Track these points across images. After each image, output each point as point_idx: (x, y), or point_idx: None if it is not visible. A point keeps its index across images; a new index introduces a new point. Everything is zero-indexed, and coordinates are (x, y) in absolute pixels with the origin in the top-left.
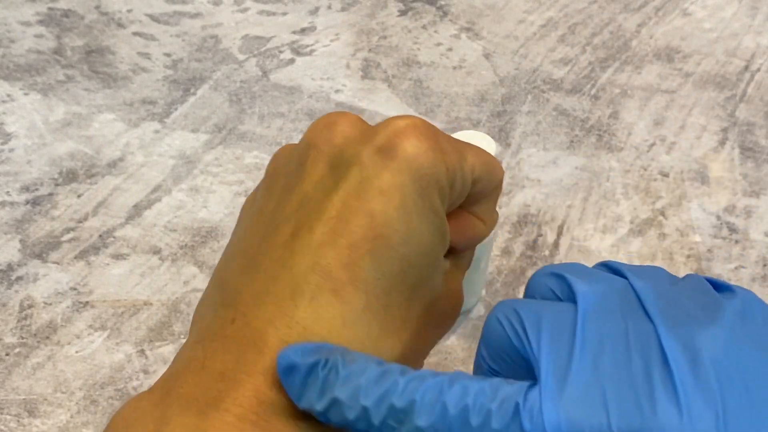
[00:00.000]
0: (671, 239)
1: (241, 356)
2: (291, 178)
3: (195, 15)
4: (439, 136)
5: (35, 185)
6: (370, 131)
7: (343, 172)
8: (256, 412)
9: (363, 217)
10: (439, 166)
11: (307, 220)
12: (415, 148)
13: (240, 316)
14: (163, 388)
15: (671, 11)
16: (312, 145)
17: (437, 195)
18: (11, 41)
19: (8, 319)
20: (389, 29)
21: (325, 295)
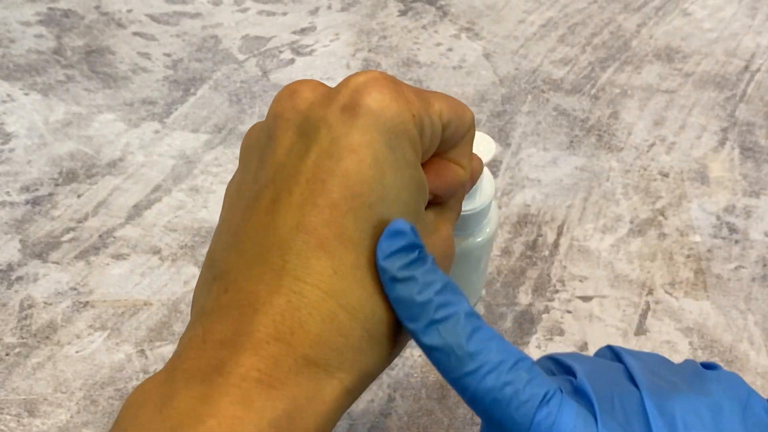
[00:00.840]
0: (671, 239)
1: (237, 321)
2: (264, 150)
3: (195, 15)
4: (402, 86)
5: (35, 185)
6: (332, 92)
7: (312, 136)
8: (258, 368)
9: (338, 177)
10: (405, 115)
11: (285, 185)
12: (378, 102)
13: (232, 284)
14: (167, 368)
15: (671, 11)
16: (278, 115)
17: (408, 145)
18: (11, 41)
19: (8, 319)
20: (389, 29)
21: (313, 249)
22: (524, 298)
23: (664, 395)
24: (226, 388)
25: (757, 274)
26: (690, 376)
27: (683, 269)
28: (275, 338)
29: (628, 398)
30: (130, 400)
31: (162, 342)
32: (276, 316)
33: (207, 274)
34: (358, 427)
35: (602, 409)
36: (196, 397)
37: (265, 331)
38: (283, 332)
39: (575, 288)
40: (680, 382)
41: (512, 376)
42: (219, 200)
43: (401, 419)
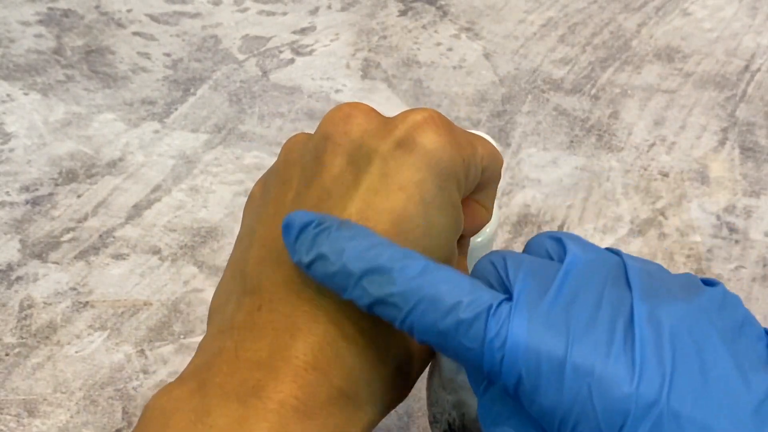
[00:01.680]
0: (671, 239)
1: (274, 343)
2: (308, 170)
3: (195, 15)
4: (454, 129)
5: (35, 185)
6: (388, 125)
7: (362, 167)
8: (296, 396)
9: (384, 214)
10: (456, 159)
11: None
12: (433, 143)
13: (266, 303)
14: (197, 377)
15: (671, 11)
16: (328, 137)
17: (455, 187)
18: (11, 41)
19: (8, 319)
20: (389, 29)
21: None
22: None
23: (657, 304)
24: (264, 413)
25: (757, 274)
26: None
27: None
28: (313, 367)
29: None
30: (157, 406)
31: (162, 342)
32: (314, 345)
33: (233, 284)
34: None
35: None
36: (233, 418)
37: (303, 358)
38: (320, 361)
39: None
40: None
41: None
42: (219, 200)
43: (401, 419)
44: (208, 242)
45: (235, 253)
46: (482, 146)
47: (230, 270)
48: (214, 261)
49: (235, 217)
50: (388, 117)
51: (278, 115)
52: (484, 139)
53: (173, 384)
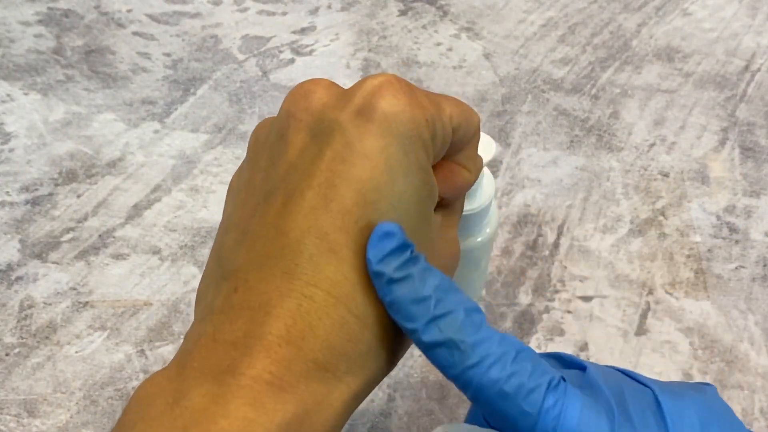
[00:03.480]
0: (671, 239)
1: (249, 322)
2: (274, 149)
3: (195, 15)
4: (414, 90)
5: (35, 185)
6: (346, 95)
7: (325, 139)
8: (270, 371)
9: (351, 182)
10: (419, 119)
11: (296, 187)
12: (393, 106)
13: (242, 283)
14: (177, 364)
15: (671, 11)
16: (290, 114)
17: (422, 150)
18: (11, 41)
19: (8, 319)
20: (389, 29)
21: (324, 254)
22: (524, 298)
23: (677, 395)
24: (238, 389)
25: (757, 274)
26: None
27: (683, 269)
28: (287, 342)
29: (641, 396)
30: (139, 393)
31: (162, 342)
32: (287, 320)
33: (214, 271)
34: (358, 427)
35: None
36: (208, 397)
37: (276, 333)
38: (294, 336)
39: (575, 288)
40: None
41: (517, 367)
42: (219, 200)
43: (401, 419)
44: (208, 242)
45: (216, 240)
46: (451, 105)
47: (210, 259)
48: None
49: None
50: (348, 88)
51: None
52: (454, 99)
53: (156, 372)
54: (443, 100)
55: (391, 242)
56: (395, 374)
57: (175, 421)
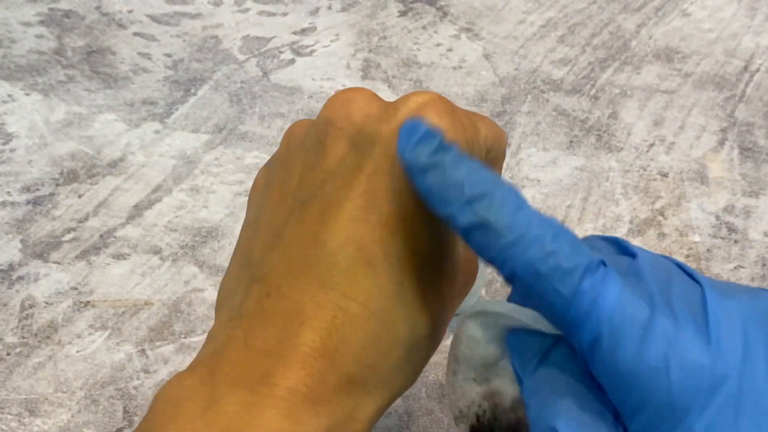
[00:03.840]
0: (670, 239)
1: (282, 330)
2: (310, 155)
3: (195, 15)
4: (456, 111)
5: (36, 185)
6: (389, 108)
7: (366, 151)
8: (306, 383)
9: (391, 195)
10: (460, 141)
11: (334, 197)
12: (436, 126)
13: (274, 290)
14: (207, 366)
15: (671, 12)
16: (330, 122)
17: None
18: (12, 41)
19: (9, 319)
20: (389, 30)
21: (361, 266)
22: None
23: (726, 295)
24: (273, 400)
25: (756, 274)
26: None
27: None
28: (321, 354)
29: (689, 290)
30: (167, 394)
31: (163, 342)
32: (323, 332)
33: (241, 271)
34: None
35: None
36: (242, 405)
37: (312, 345)
38: (329, 348)
39: None
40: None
41: (555, 246)
42: (220, 200)
43: (401, 419)
44: (209, 242)
45: (242, 241)
46: (485, 126)
47: (237, 258)
48: (214, 261)
49: (235, 217)
50: (390, 101)
51: (279, 116)
52: (487, 119)
53: (183, 373)
54: (479, 121)
55: (420, 130)
56: None
57: (209, 427)
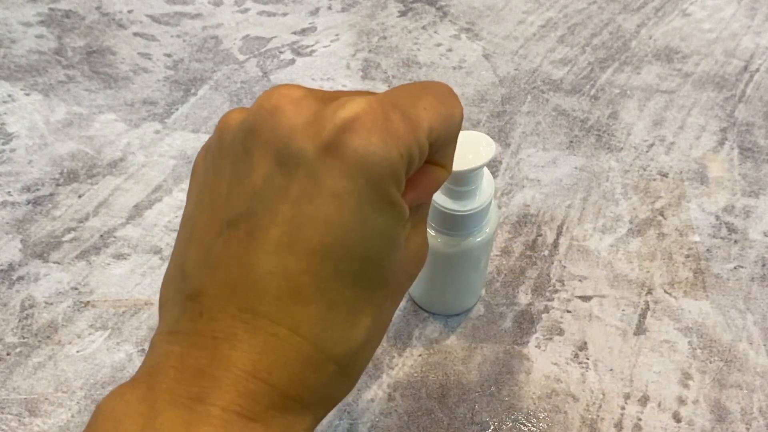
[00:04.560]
0: (670, 239)
1: (214, 352)
2: (238, 164)
3: (195, 16)
4: (390, 118)
5: (36, 185)
6: (317, 122)
7: (291, 170)
8: (239, 404)
9: (318, 223)
10: (393, 155)
11: (261, 221)
12: (365, 147)
13: (206, 310)
14: (146, 382)
15: (670, 12)
16: (255, 131)
17: (393, 185)
18: (12, 42)
19: (9, 319)
20: (389, 30)
21: (289, 295)
22: (524, 297)
23: None
24: (209, 418)
25: (756, 273)
26: None
27: (682, 269)
28: (253, 376)
29: None
30: (107, 408)
31: None
32: (254, 356)
33: (177, 280)
34: (358, 427)
35: None
36: (179, 422)
37: (243, 368)
38: (260, 371)
39: (575, 288)
40: None
41: None
42: None
43: (401, 419)
44: None
45: (178, 241)
46: (431, 113)
47: (174, 261)
48: None
49: None
50: (321, 104)
51: None
52: (435, 97)
53: (125, 386)
54: (422, 111)
55: None
56: (395, 374)
57: None
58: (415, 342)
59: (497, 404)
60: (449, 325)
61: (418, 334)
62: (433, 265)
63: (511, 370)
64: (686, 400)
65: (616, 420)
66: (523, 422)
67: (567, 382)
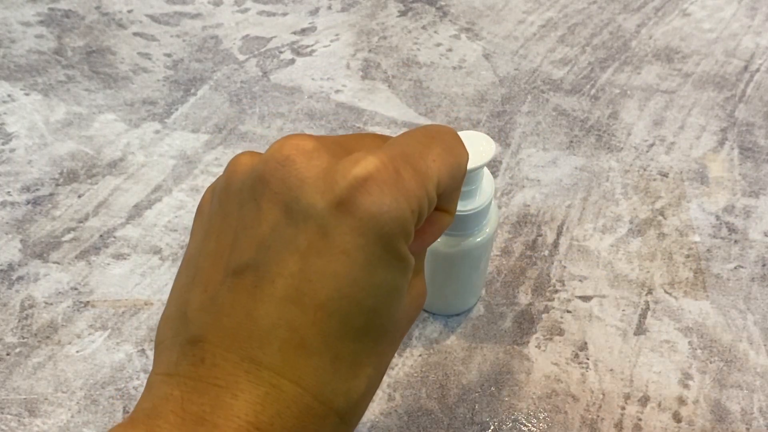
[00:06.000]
0: (670, 239)
1: (216, 400)
2: (246, 210)
3: (195, 15)
4: (401, 172)
5: (36, 185)
6: (328, 176)
7: (300, 223)
8: None
9: (326, 278)
10: (404, 213)
11: (268, 271)
12: (378, 206)
13: (209, 356)
14: (146, 424)
15: (671, 12)
16: (265, 182)
17: (403, 241)
18: (12, 41)
19: (9, 319)
20: (389, 29)
21: (293, 347)
22: (524, 297)
23: None
24: None
25: (756, 273)
26: None
27: (683, 269)
28: (255, 426)
29: None
30: None
31: None
32: (256, 406)
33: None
34: (358, 427)
35: None
36: None
37: (245, 418)
38: (262, 421)
39: (575, 288)
40: None
41: None
42: None
43: (401, 419)
44: None
45: (179, 281)
46: (439, 163)
47: (174, 302)
48: None
49: None
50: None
51: (278, 116)
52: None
53: (123, 426)
54: (431, 163)
55: None
56: (395, 374)
57: None
58: (415, 342)
59: (497, 404)
60: (449, 325)
61: (418, 334)
62: (433, 265)
63: (511, 370)
64: (686, 400)
65: (617, 420)
66: (523, 422)
67: (567, 382)
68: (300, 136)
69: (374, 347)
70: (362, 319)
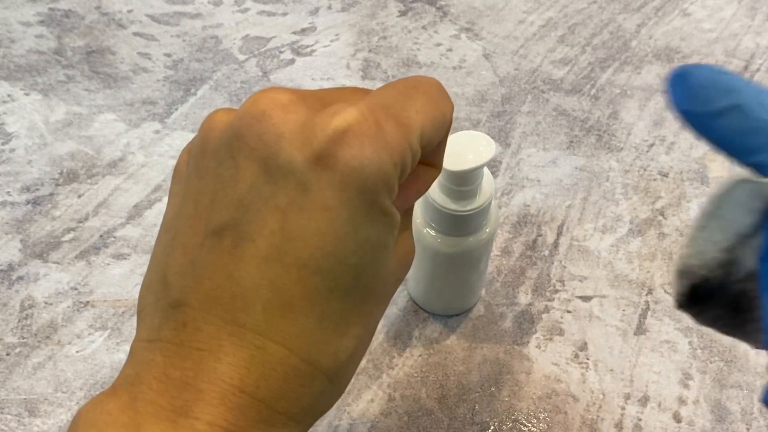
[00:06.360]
0: (671, 239)
1: (199, 364)
2: (223, 169)
3: (195, 15)
4: (382, 124)
5: (36, 185)
6: (306, 130)
7: (280, 181)
8: (226, 418)
9: (309, 235)
10: (386, 166)
11: (248, 231)
12: (358, 159)
13: (191, 321)
14: (128, 391)
15: (671, 11)
16: (241, 137)
17: (386, 195)
18: (12, 41)
19: (9, 319)
20: (389, 29)
21: (277, 308)
22: (524, 297)
23: None
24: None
25: None
26: None
27: None
28: (240, 390)
29: None
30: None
31: None
32: (241, 369)
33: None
34: (358, 427)
35: None
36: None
37: (230, 382)
38: (248, 384)
39: (575, 288)
40: None
41: None
42: None
43: (401, 419)
44: None
45: (158, 246)
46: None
47: (154, 267)
48: None
49: None
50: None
51: None
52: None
53: (106, 394)
54: (414, 114)
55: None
56: (395, 374)
57: None
58: (415, 342)
59: (497, 404)
60: (449, 325)
61: (418, 334)
62: (433, 265)
63: (511, 370)
64: (686, 401)
65: (617, 420)
66: (523, 422)
67: (567, 383)
68: (275, 89)
69: (361, 306)
70: (347, 277)
